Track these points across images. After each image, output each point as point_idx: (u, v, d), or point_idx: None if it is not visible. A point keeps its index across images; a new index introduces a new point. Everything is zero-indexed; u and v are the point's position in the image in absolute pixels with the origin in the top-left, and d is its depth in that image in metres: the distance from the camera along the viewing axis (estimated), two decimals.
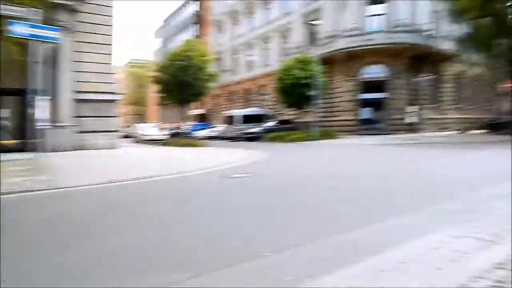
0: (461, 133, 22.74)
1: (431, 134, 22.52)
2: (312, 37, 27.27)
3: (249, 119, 25.38)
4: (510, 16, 19.53)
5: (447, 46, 24.04)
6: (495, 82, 30.21)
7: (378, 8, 24.36)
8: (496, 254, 2.53)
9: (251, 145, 17.99)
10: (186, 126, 32.61)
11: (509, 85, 17.55)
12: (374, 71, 23.97)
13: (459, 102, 28.02)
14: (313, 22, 23.89)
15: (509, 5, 19.20)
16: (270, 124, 24.29)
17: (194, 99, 28.00)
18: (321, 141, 18.36)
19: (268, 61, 33.66)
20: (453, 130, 25.33)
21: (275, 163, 10.28)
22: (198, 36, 45.16)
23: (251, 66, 36.47)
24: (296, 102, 21.81)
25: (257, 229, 3.64)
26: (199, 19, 47.55)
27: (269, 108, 31.88)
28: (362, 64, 24.06)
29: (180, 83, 24.81)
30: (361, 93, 24.41)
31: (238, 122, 24.83)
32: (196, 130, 30.40)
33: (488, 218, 3.58)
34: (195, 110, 44.33)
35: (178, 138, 21.42)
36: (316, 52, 20.33)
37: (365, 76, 24.26)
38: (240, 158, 10.56)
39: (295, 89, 20.74)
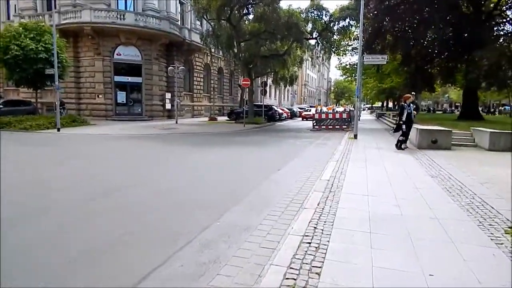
0: (210, 119, 25.60)
1: (187, 120, 24.18)
2: (48, 1, 22.42)
3: None
4: (244, 25, 23.19)
5: (196, 38, 26.08)
6: (235, 75, 36.39)
7: None
8: None
9: None
10: None
11: (245, 82, 20.95)
12: (129, 53, 22.59)
13: (208, 91, 31.58)
14: None
15: (244, 14, 22.48)
16: None
17: None
18: (69, 130, 15.22)
19: None
20: (204, 117, 28.44)
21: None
22: None
23: None
24: (30, 80, 17.25)
25: None
26: None
27: None
28: (115, 43, 22.13)
29: None
30: (115, 75, 22.60)
31: None
32: None
33: None
34: None
35: None
36: (53, 21, 16.42)
37: (119, 57, 22.51)
38: None
39: (27, 64, 16.26)
